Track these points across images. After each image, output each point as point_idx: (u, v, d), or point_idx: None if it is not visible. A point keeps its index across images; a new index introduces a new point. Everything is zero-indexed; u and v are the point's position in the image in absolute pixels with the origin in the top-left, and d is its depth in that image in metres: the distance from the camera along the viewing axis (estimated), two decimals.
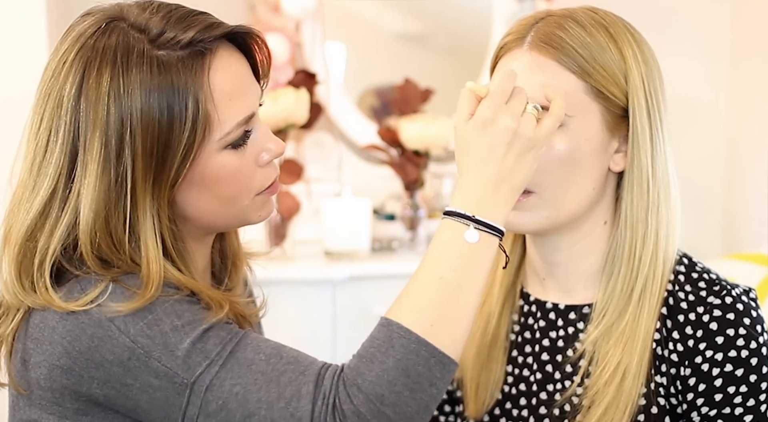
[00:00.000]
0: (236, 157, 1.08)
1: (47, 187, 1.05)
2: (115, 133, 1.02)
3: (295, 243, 2.63)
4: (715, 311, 1.16)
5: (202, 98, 1.04)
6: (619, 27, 1.19)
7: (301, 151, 2.76)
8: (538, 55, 1.17)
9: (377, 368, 0.99)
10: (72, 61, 1.05)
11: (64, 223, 1.05)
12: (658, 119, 1.18)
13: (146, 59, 1.03)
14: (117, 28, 1.05)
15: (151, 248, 1.04)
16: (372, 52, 3.09)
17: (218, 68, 1.06)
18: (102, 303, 1.02)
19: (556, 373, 1.25)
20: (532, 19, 1.20)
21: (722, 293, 1.18)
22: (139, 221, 1.04)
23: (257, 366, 1.01)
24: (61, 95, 1.04)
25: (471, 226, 1.05)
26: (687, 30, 2.97)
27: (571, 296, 1.25)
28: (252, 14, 2.79)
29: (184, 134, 1.03)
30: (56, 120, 1.05)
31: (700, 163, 2.98)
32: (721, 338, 1.15)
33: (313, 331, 2.53)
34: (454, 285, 1.03)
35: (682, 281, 1.21)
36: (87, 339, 1.02)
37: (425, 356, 1.00)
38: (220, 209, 1.10)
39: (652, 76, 1.19)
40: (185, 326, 1.02)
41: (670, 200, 1.20)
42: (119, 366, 1.01)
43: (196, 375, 1.00)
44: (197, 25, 1.06)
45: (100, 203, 1.03)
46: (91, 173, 1.03)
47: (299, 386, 1.00)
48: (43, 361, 1.04)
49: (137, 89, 1.02)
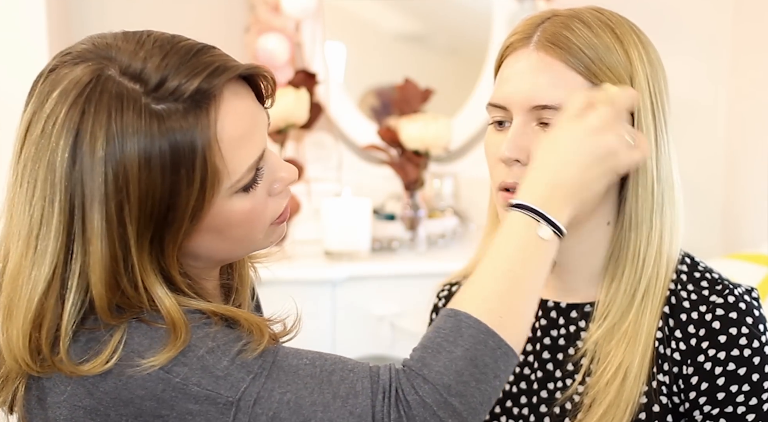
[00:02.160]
0: (248, 199, 1.01)
1: (49, 264, 0.97)
2: (115, 201, 0.94)
3: (295, 243, 2.63)
4: (717, 310, 1.17)
5: (209, 155, 0.95)
6: (625, 28, 1.18)
7: (301, 151, 2.76)
8: (544, 55, 1.16)
9: (444, 357, 0.97)
10: (63, 123, 0.95)
11: (72, 300, 0.97)
12: (662, 121, 1.18)
13: (144, 117, 0.94)
14: (109, 80, 0.95)
15: (164, 296, 0.97)
16: (372, 52, 3.09)
17: (226, 114, 0.97)
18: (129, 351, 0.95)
19: (557, 371, 1.25)
20: (538, 19, 1.20)
21: (725, 292, 1.18)
22: (149, 278, 0.98)
23: (304, 371, 0.97)
24: (53, 161, 0.95)
25: (543, 223, 1.04)
26: (687, 29, 2.97)
27: (573, 295, 1.25)
28: (252, 14, 2.79)
29: (192, 194, 0.96)
30: (50, 188, 0.96)
31: (700, 163, 2.98)
32: (724, 337, 1.15)
33: (313, 331, 2.53)
34: (522, 279, 1.02)
35: (684, 280, 1.21)
36: (113, 378, 0.95)
37: (492, 347, 0.98)
38: (233, 247, 1.05)
39: (657, 78, 1.19)
40: (221, 346, 0.96)
41: (674, 201, 1.20)
42: (152, 400, 0.94)
43: (241, 391, 0.95)
44: (202, 72, 0.96)
45: (108, 273, 0.96)
46: (95, 247, 0.95)
47: (353, 383, 0.96)
48: (63, 402, 0.97)
49: (136, 152, 0.94)
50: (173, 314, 0.96)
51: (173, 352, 0.94)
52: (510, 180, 1.17)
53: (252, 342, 0.97)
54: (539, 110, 1.16)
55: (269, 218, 1.05)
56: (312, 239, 2.69)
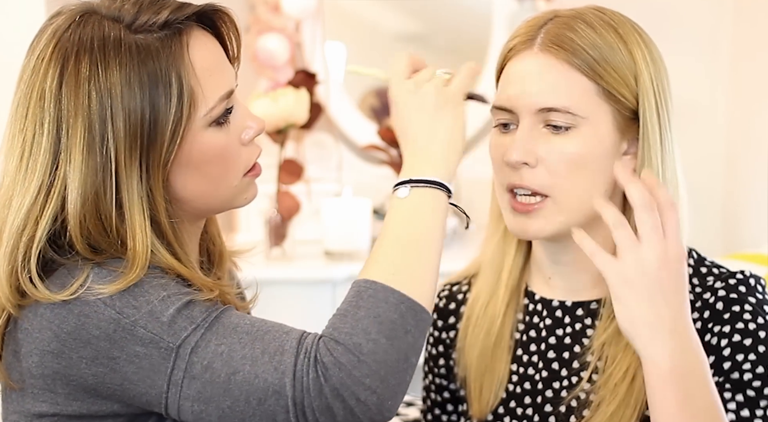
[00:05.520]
0: (221, 134, 1.10)
1: (37, 180, 1.06)
2: (98, 117, 1.04)
3: (295, 243, 2.63)
4: (719, 292, 1.18)
5: (184, 74, 1.06)
6: (628, 27, 1.19)
7: (301, 151, 2.76)
8: (548, 57, 1.16)
9: (350, 319, 1.03)
10: (50, 56, 1.06)
11: (50, 210, 1.06)
12: (666, 120, 1.19)
13: (124, 44, 1.05)
14: (91, 19, 1.07)
15: (138, 227, 1.05)
16: (372, 52, 3.09)
17: (195, 46, 1.09)
18: (88, 286, 1.03)
19: (562, 370, 1.24)
20: (541, 20, 1.20)
21: (727, 277, 1.19)
22: (128, 201, 1.05)
23: (242, 328, 1.04)
24: (42, 88, 1.06)
25: (407, 186, 1.10)
26: (687, 30, 2.97)
27: (579, 293, 1.25)
28: (252, 14, 2.79)
29: (170, 111, 1.05)
30: (40, 113, 1.06)
31: (700, 163, 2.98)
32: (728, 314, 1.16)
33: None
34: (406, 238, 1.08)
35: (690, 273, 1.21)
36: (74, 318, 1.03)
37: (394, 302, 1.03)
38: (210, 189, 1.12)
39: (661, 77, 1.19)
40: (171, 296, 1.04)
41: (679, 199, 1.20)
42: (105, 340, 1.02)
43: (182, 339, 1.02)
44: (169, 7, 1.08)
45: (87, 186, 1.05)
46: (75, 157, 1.04)
47: (282, 342, 1.03)
48: (34, 349, 1.05)
49: (117, 73, 1.04)
50: (138, 244, 1.05)
51: (123, 284, 1.03)
52: (518, 182, 1.18)
53: (200, 297, 1.05)
54: (545, 113, 1.16)
55: (242, 165, 1.14)
56: (312, 239, 2.68)
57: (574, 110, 1.15)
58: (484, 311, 1.30)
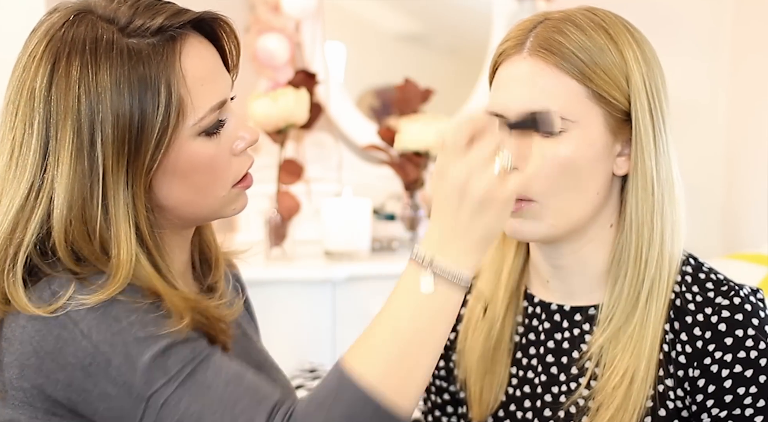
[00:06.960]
0: (211, 144, 1.08)
1: (27, 181, 1.05)
2: (87, 120, 1.03)
3: (295, 243, 2.63)
4: (723, 312, 1.16)
5: (174, 82, 1.04)
6: (619, 28, 1.17)
7: (301, 151, 2.76)
8: (537, 61, 1.15)
9: (325, 413, 0.99)
10: (42, 55, 1.05)
11: (39, 214, 1.04)
12: (660, 120, 1.18)
13: (116, 47, 1.04)
14: (85, 19, 1.06)
15: (123, 234, 1.04)
16: (372, 52, 3.09)
17: (189, 54, 1.07)
18: (70, 297, 1.02)
19: (561, 375, 1.24)
20: (530, 24, 1.19)
21: (730, 293, 1.18)
22: (113, 208, 1.04)
23: (215, 391, 1.01)
24: (32, 88, 1.05)
25: (428, 274, 1.02)
26: (687, 30, 2.97)
27: (576, 298, 1.25)
28: (252, 14, 2.79)
29: (157, 119, 1.03)
30: (30, 113, 1.05)
31: (700, 163, 2.98)
32: (730, 339, 1.15)
33: (313, 331, 2.53)
34: (409, 336, 1.01)
35: (689, 281, 1.20)
36: (53, 339, 1.02)
37: (371, 411, 0.99)
38: (196, 199, 1.10)
39: (654, 76, 1.18)
40: (148, 339, 1.01)
41: (675, 200, 1.19)
42: (80, 371, 1.01)
43: (153, 390, 1.00)
44: (165, 12, 1.06)
45: (73, 191, 1.03)
46: (63, 161, 1.03)
47: (252, 417, 1.00)
48: (14, 360, 1.04)
49: (107, 77, 1.03)
50: (122, 252, 1.03)
51: (105, 295, 1.01)
52: None
53: (179, 337, 1.02)
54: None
55: (232, 176, 1.11)
56: (312, 239, 2.69)
57: (565, 114, 1.14)
58: (484, 313, 1.30)
